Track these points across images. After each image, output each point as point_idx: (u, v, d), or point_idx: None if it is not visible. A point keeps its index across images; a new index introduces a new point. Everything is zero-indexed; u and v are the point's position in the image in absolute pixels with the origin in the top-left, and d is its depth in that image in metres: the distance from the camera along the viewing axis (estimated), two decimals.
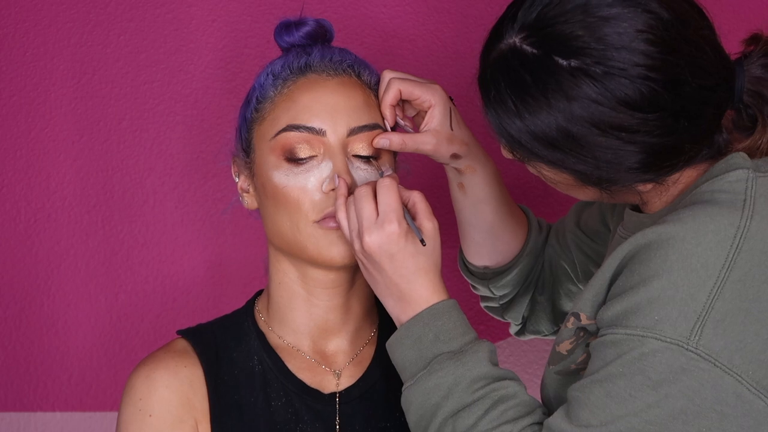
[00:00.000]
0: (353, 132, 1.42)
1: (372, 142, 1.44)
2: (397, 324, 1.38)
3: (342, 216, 1.38)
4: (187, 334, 1.49)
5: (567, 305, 1.65)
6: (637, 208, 1.40)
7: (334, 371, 1.48)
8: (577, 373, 1.35)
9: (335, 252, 1.42)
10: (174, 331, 1.52)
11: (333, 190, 1.40)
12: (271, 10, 1.94)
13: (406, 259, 1.35)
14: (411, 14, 1.99)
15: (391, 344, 1.37)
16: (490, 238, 1.61)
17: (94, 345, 1.96)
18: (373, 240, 1.35)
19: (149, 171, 1.96)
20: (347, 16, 1.95)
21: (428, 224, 1.38)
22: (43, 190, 1.94)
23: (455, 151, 1.51)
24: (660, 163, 1.28)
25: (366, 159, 1.43)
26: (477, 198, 1.58)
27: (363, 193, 1.37)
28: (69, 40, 1.93)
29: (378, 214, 1.36)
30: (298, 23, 1.49)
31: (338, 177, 1.40)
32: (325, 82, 1.44)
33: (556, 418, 1.28)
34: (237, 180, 1.51)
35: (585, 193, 1.36)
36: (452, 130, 1.50)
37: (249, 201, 1.50)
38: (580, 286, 1.63)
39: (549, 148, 1.28)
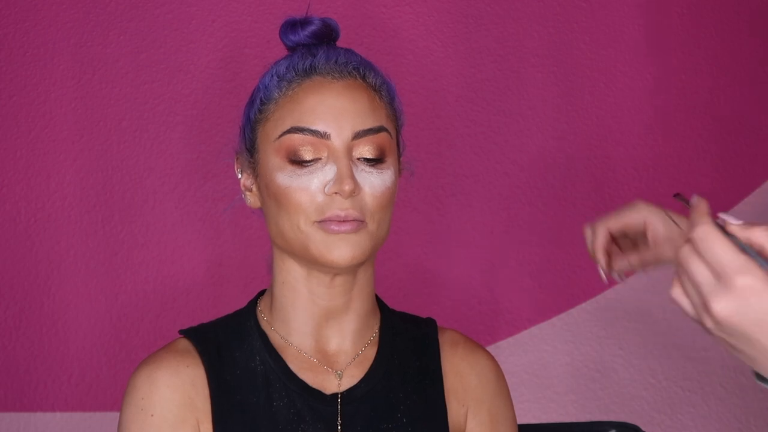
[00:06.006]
0: (358, 135, 1.42)
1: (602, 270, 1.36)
2: None
3: (678, 293, 1.07)
4: (189, 333, 1.49)
5: None
6: None
7: (336, 372, 1.48)
8: None
9: (337, 254, 1.41)
10: (174, 331, 1.52)
11: (336, 192, 1.40)
12: (271, 10, 1.95)
13: None
14: (411, 14, 1.99)
15: None
16: None
17: (94, 345, 1.95)
18: (723, 307, 1.01)
19: (149, 171, 1.96)
20: (347, 16, 1.95)
21: None
22: (43, 190, 1.94)
23: None
24: None
25: (371, 162, 1.43)
26: None
27: (686, 254, 1.05)
28: (69, 40, 1.93)
29: (715, 272, 1.03)
30: (304, 22, 1.48)
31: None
32: (330, 84, 1.43)
33: None
34: (240, 177, 1.50)
35: None
36: (678, 226, 1.37)
37: (252, 200, 1.50)
38: None
39: None
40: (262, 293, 1.55)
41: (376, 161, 1.43)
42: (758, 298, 0.99)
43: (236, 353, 1.47)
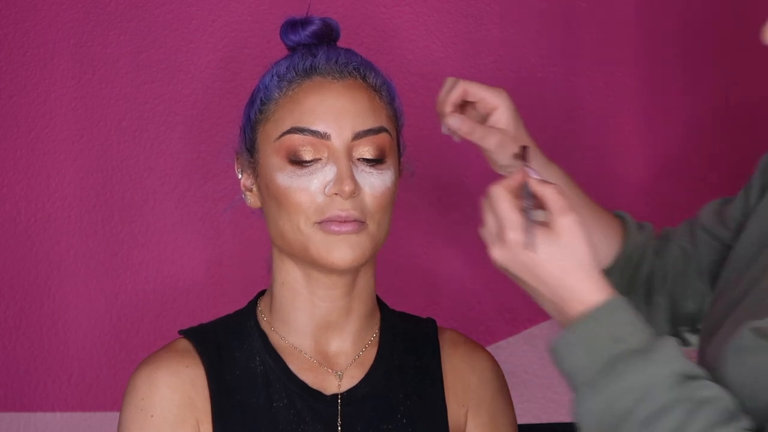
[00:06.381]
0: (358, 136, 1.42)
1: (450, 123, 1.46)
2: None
3: (483, 232, 1.28)
4: (188, 333, 1.49)
5: (690, 306, 1.57)
6: None
7: (336, 372, 1.48)
8: None
9: (336, 256, 1.41)
10: (174, 331, 1.52)
11: (336, 193, 1.40)
12: (271, 10, 1.95)
13: (543, 266, 1.22)
14: (411, 14, 1.99)
15: (557, 349, 1.22)
16: None
17: (94, 345, 1.96)
18: (495, 253, 1.24)
19: (149, 171, 1.96)
20: (347, 15, 1.95)
21: (562, 220, 1.22)
22: (43, 190, 1.94)
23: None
24: None
25: (371, 162, 1.43)
26: None
27: (484, 204, 1.27)
28: (69, 40, 1.93)
29: (497, 224, 1.24)
30: (304, 22, 1.48)
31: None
32: (330, 85, 1.43)
33: None
34: (240, 177, 1.51)
35: None
36: (517, 131, 1.50)
37: (252, 200, 1.50)
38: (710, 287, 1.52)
39: None
40: (262, 293, 1.55)
41: (376, 162, 1.43)
42: (522, 251, 1.22)
43: (236, 353, 1.47)
